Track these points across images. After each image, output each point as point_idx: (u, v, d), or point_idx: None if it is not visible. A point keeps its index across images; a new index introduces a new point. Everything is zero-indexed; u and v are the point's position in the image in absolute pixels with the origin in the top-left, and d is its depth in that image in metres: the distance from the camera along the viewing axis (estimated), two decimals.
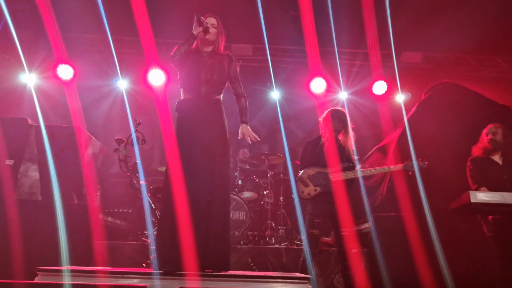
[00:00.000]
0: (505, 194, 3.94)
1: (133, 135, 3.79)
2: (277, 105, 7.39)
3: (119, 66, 6.92)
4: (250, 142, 3.51)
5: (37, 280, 2.86)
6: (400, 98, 7.25)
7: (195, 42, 3.49)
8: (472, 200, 3.89)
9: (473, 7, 5.76)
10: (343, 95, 7.46)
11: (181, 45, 3.39)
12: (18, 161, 4.74)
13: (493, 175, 4.37)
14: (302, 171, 4.14)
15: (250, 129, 3.53)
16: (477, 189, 4.29)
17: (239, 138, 3.52)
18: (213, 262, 3.08)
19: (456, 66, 7.37)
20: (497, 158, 4.46)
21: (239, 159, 7.07)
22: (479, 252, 4.36)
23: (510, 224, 4.14)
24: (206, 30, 3.42)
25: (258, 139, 3.54)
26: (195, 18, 3.38)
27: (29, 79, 6.99)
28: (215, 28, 3.47)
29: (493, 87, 6.75)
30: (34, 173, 4.70)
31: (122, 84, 7.33)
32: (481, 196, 3.90)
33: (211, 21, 3.47)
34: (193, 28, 3.40)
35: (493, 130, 4.46)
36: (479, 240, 4.36)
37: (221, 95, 3.51)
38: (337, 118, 4.13)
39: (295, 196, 6.12)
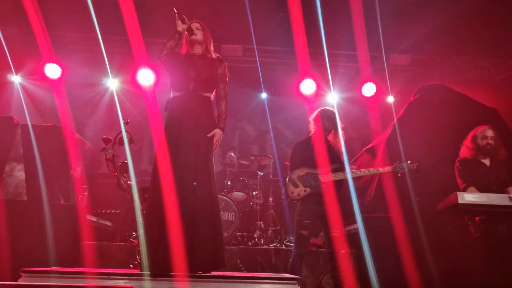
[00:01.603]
0: (492, 195, 3.99)
1: (124, 134, 3.74)
2: (266, 106, 7.40)
3: (107, 66, 6.85)
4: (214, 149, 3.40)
5: (20, 281, 2.81)
6: (391, 99, 7.31)
7: (185, 47, 3.50)
8: (460, 201, 3.93)
9: (460, 10, 5.83)
10: (332, 96, 7.48)
11: (167, 41, 3.39)
12: (3, 160, 4.66)
13: (480, 176, 4.42)
14: (292, 171, 4.14)
15: (221, 137, 3.40)
16: (466, 188, 4.34)
17: (208, 135, 3.35)
18: (200, 263, 3.05)
19: (444, 68, 7.46)
20: (485, 159, 4.51)
21: (226, 163, 7.03)
22: (466, 252, 4.40)
23: (496, 225, 4.20)
24: (190, 30, 3.42)
25: (214, 150, 3.40)
26: (176, 14, 3.37)
27: (15, 77, 6.89)
28: (199, 30, 3.47)
29: (479, 89, 6.85)
30: (19, 173, 4.64)
31: (111, 83, 7.27)
32: (469, 197, 3.94)
33: (195, 25, 3.47)
34: (177, 25, 3.40)
35: (491, 134, 4.48)
36: (465, 240, 4.40)
37: (211, 95, 3.48)
38: (328, 117, 4.15)
39: (282, 197, 6.13)
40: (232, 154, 7.18)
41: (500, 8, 5.83)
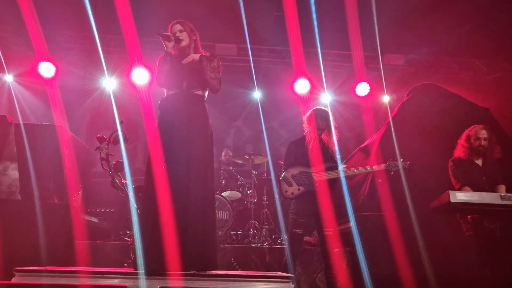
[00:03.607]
0: (484, 194, 4.02)
1: (119, 133, 3.73)
2: (259, 105, 7.41)
3: (103, 64, 6.83)
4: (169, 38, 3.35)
5: (14, 280, 2.80)
6: (386, 99, 7.33)
7: (176, 50, 3.49)
8: (452, 200, 3.96)
9: (453, 11, 5.87)
10: (326, 96, 7.51)
11: (161, 66, 3.38)
12: None
13: (473, 176, 4.45)
14: (286, 170, 4.16)
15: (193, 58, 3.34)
16: (460, 188, 4.38)
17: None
18: (193, 262, 3.05)
19: (437, 69, 7.50)
20: (477, 160, 4.55)
21: (222, 161, 7.04)
22: (458, 250, 4.44)
23: (488, 223, 4.24)
24: (177, 41, 3.42)
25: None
26: (160, 38, 3.37)
27: (7, 76, 6.85)
28: (183, 31, 3.45)
29: (472, 89, 6.89)
30: (13, 172, 4.61)
31: (106, 82, 7.24)
32: (461, 196, 3.98)
33: (177, 27, 3.45)
34: (165, 47, 3.40)
35: (485, 135, 4.50)
36: (458, 238, 4.44)
37: (205, 93, 3.48)
38: (321, 117, 4.17)
39: (276, 196, 6.15)
40: (229, 150, 7.19)
41: (493, 10, 5.87)
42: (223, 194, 6.20)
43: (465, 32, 6.18)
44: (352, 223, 4.42)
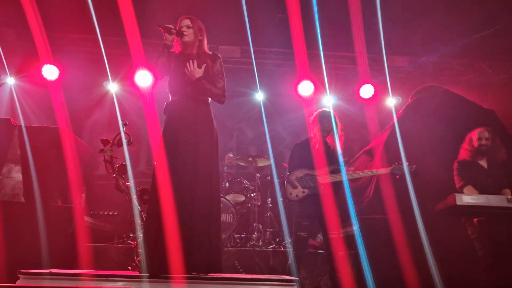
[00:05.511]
0: (490, 196, 4.01)
1: (123, 136, 3.73)
2: (262, 108, 7.39)
3: (107, 67, 6.83)
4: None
5: (19, 283, 2.79)
6: (391, 101, 7.31)
7: (179, 47, 3.46)
8: (458, 202, 3.95)
9: (458, 12, 5.86)
10: (330, 98, 7.49)
11: (157, 58, 3.34)
12: (0, 162, 4.65)
13: (478, 178, 4.43)
14: (291, 173, 4.14)
15: (194, 68, 3.27)
16: (463, 186, 4.36)
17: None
18: (197, 265, 3.04)
19: (442, 70, 7.47)
20: (482, 161, 4.53)
21: (225, 165, 7.03)
22: (463, 253, 4.42)
23: (494, 226, 4.21)
24: (180, 34, 3.37)
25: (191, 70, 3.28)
26: (161, 30, 3.32)
27: (10, 79, 6.87)
28: (190, 28, 3.40)
29: (476, 91, 6.87)
30: (17, 175, 4.61)
31: (110, 84, 7.24)
32: (467, 199, 3.96)
33: (185, 23, 3.41)
34: (165, 39, 3.34)
35: (486, 135, 4.50)
36: (463, 241, 4.42)
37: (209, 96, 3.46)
38: (326, 119, 4.17)
39: (279, 198, 6.13)
40: (231, 155, 7.18)
41: (499, 11, 5.85)
42: (226, 197, 6.18)
43: (470, 34, 6.16)
44: (356, 226, 4.40)
